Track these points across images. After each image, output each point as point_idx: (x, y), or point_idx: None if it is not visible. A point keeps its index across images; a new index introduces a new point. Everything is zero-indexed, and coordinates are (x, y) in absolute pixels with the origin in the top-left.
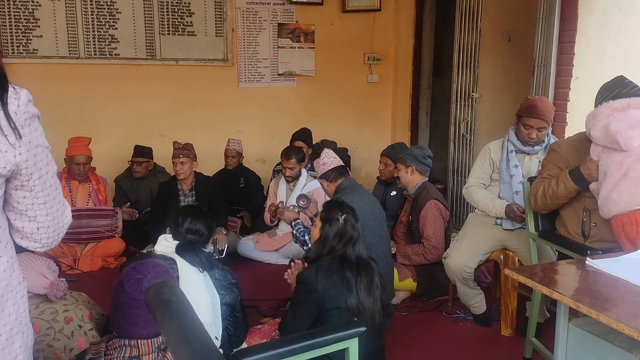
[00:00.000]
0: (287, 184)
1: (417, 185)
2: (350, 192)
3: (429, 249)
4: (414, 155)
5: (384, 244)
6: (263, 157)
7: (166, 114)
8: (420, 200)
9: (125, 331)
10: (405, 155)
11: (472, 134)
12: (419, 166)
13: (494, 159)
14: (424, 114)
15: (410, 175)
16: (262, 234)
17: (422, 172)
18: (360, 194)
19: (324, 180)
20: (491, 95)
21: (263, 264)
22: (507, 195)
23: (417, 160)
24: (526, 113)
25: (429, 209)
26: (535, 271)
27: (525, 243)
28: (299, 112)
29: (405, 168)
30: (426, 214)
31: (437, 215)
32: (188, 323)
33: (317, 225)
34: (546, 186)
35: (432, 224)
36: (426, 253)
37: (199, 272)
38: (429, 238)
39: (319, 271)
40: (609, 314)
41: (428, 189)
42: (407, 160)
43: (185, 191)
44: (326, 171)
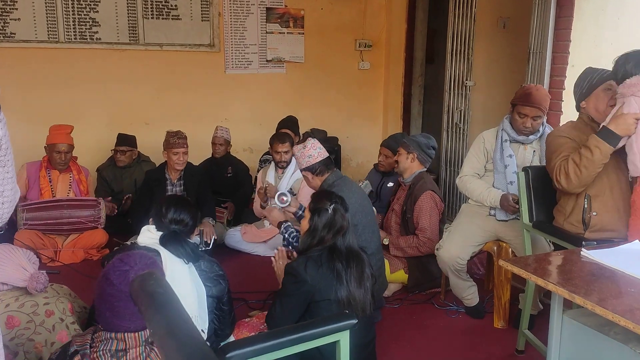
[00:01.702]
0: (275, 171)
1: (414, 174)
2: (339, 189)
3: (424, 241)
4: (419, 142)
5: (376, 239)
6: (251, 147)
7: (150, 102)
8: (416, 190)
9: (111, 324)
10: (410, 141)
11: (466, 123)
12: (420, 155)
13: (488, 149)
14: (417, 102)
15: (410, 162)
16: (250, 225)
17: (423, 161)
18: (350, 189)
19: (308, 173)
20: (485, 84)
21: (251, 256)
22: (501, 185)
23: (421, 148)
24: (521, 101)
25: (425, 199)
26: (529, 262)
27: (519, 234)
28: (287, 99)
29: (406, 154)
30: (422, 204)
31: (433, 207)
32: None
33: (306, 216)
34: (576, 159)
35: (428, 215)
36: (420, 245)
37: (183, 263)
38: (424, 230)
39: (308, 262)
40: (605, 305)
41: (425, 179)
42: (411, 146)
43: (173, 180)
44: (312, 164)
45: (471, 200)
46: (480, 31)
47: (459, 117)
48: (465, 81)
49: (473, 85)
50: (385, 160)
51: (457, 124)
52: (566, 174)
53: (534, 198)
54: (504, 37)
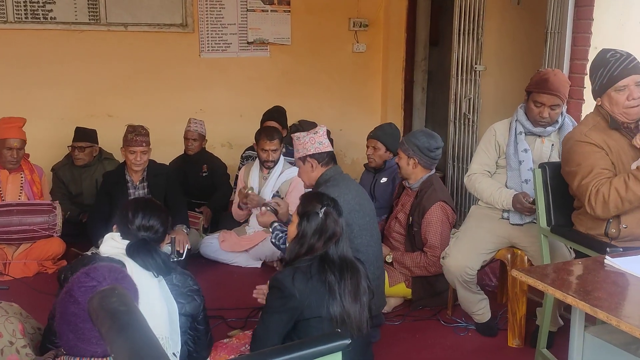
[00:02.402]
0: (260, 171)
1: (421, 179)
2: (335, 183)
3: (433, 260)
4: (419, 146)
5: (375, 244)
6: (230, 141)
7: (113, 90)
8: (425, 200)
9: (75, 348)
10: (409, 142)
11: (475, 113)
12: (422, 159)
13: (500, 142)
14: (419, 89)
15: (412, 168)
16: (229, 232)
17: (427, 165)
18: (347, 186)
19: (314, 161)
20: (497, 68)
21: (230, 267)
22: (515, 184)
23: (421, 152)
24: (537, 88)
25: (434, 212)
26: (546, 272)
27: (535, 240)
28: (272, 87)
29: (407, 158)
30: (431, 218)
31: (444, 221)
32: (140, 337)
33: (294, 221)
34: (621, 191)
35: (439, 231)
36: (430, 265)
37: (153, 277)
38: (433, 248)
39: (296, 274)
40: (631, 320)
41: (435, 185)
42: (410, 149)
43: (135, 183)
44: (322, 151)
45: (481, 201)
46: (492, 8)
47: (467, 106)
48: (475, 65)
49: (483, 70)
50: (375, 153)
51: (465, 114)
52: (604, 202)
53: (552, 198)
54: (519, 15)
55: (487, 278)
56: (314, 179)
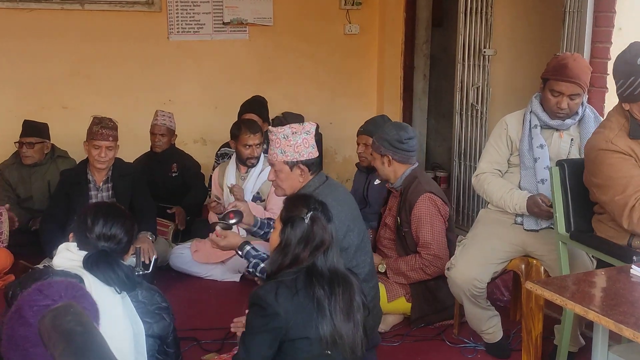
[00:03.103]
0: (237, 170)
1: (402, 176)
2: (323, 197)
3: (429, 259)
4: (388, 140)
5: (369, 262)
6: (204, 137)
7: (68, 79)
8: (410, 194)
9: None
10: (378, 139)
11: (485, 103)
12: (396, 154)
13: (513, 137)
14: (421, 77)
15: (388, 166)
16: (203, 241)
17: (403, 160)
18: (338, 200)
19: (305, 168)
20: (509, 52)
21: (204, 282)
22: (529, 184)
23: (393, 147)
24: (555, 75)
25: (422, 205)
26: (565, 284)
27: (553, 248)
28: (251, 75)
29: (380, 157)
30: (419, 212)
31: (434, 213)
32: None
33: (277, 227)
34: None
35: (429, 225)
36: (426, 266)
37: (115, 293)
38: (427, 245)
39: (279, 289)
40: None
41: (419, 178)
42: (381, 146)
43: (98, 183)
44: (313, 158)
45: (491, 204)
46: None
47: (475, 95)
48: (483, 49)
49: (493, 55)
50: (367, 151)
51: (472, 104)
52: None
53: (571, 200)
54: None
55: (498, 292)
56: (297, 189)
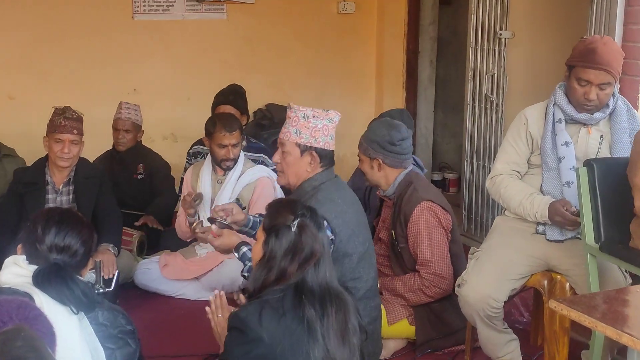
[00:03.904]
0: (213, 173)
1: (395, 182)
2: (329, 196)
3: (430, 279)
4: (378, 142)
5: (373, 278)
6: (174, 132)
7: (17, 64)
8: (405, 204)
9: None
10: (366, 140)
11: (500, 94)
12: (387, 157)
13: (534, 133)
14: (427, 63)
15: (378, 171)
16: (174, 254)
17: (396, 164)
18: (344, 199)
19: (317, 157)
20: (529, 35)
21: (175, 301)
22: (553, 188)
23: (384, 149)
24: (582, 62)
25: (419, 216)
26: (595, 303)
27: (580, 261)
28: (230, 60)
29: (369, 160)
30: (417, 225)
31: (434, 225)
32: None
33: (260, 238)
34: None
35: (428, 239)
36: (426, 287)
37: (71, 313)
38: (426, 263)
39: (264, 310)
40: None
41: (415, 184)
42: (369, 148)
43: (57, 186)
44: (329, 150)
45: (508, 211)
46: None
47: (489, 85)
48: (499, 31)
49: (510, 38)
50: None
51: (487, 95)
52: None
53: (601, 206)
54: None
55: (516, 312)
56: (301, 179)
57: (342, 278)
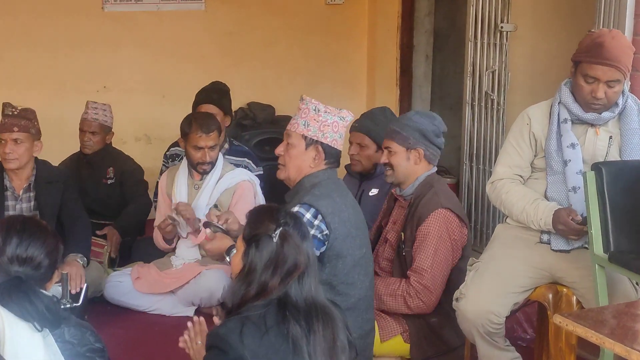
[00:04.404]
0: (189, 177)
1: (417, 181)
2: (326, 193)
3: (417, 289)
4: (422, 130)
5: (368, 287)
6: (147, 134)
7: None
8: (422, 207)
9: None
10: (407, 128)
11: (502, 92)
12: (429, 149)
13: (538, 134)
14: (422, 58)
15: (414, 163)
16: (148, 266)
17: (432, 159)
18: (342, 197)
19: (322, 154)
20: (532, 28)
21: (149, 317)
22: (558, 193)
23: (426, 138)
24: (589, 57)
25: (433, 222)
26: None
27: (588, 272)
28: (209, 56)
29: (405, 151)
30: (427, 230)
31: (443, 236)
32: None
33: (239, 249)
34: None
35: (433, 248)
36: (410, 296)
37: (34, 330)
38: (420, 270)
39: (245, 327)
40: None
41: (436, 187)
42: (411, 137)
43: (17, 192)
44: (336, 149)
45: (510, 219)
46: None
47: (490, 82)
48: (501, 24)
49: (513, 31)
50: (361, 153)
51: (487, 93)
52: None
53: (610, 213)
54: None
55: (519, 328)
56: (303, 174)
57: (334, 279)
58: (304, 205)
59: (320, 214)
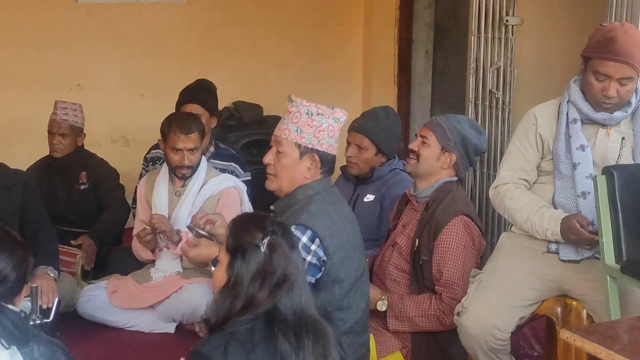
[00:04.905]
0: (170, 184)
1: (437, 183)
2: (324, 210)
3: (451, 305)
4: (466, 139)
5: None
6: (125, 135)
7: None
8: (440, 212)
9: None
10: (453, 130)
11: (507, 90)
12: (463, 160)
13: (545, 135)
14: (422, 53)
15: (441, 167)
16: (124, 278)
17: (461, 171)
18: (340, 214)
19: (318, 162)
20: (539, 22)
21: (126, 334)
22: (566, 199)
23: (466, 149)
24: (600, 53)
25: (454, 230)
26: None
27: (599, 284)
28: (191, 51)
29: (439, 150)
30: (449, 240)
31: (468, 244)
32: None
33: (222, 261)
34: None
35: (461, 259)
36: (445, 314)
37: (2, 348)
38: (451, 285)
39: (230, 344)
40: None
41: (455, 193)
42: (452, 140)
43: None
44: (332, 155)
45: (515, 226)
46: None
47: (494, 79)
48: (506, 17)
49: (519, 25)
50: (359, 155)
51: (491, 91)
52: None
53: (623, 220)
54: None
55: (526, 344)
56: (296, 184)
57: (329, 306)
58: (299, 227)
59: (317, 237)
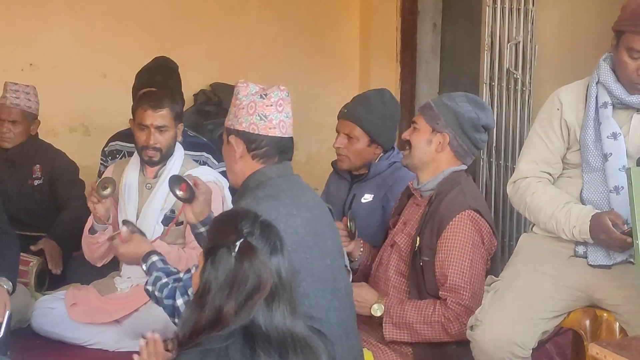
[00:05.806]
0: (141, 174)
1: (440, 175)
2: (272, 193)
3: (458, 312)
4: (458, 114)
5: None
6: (85, 123)
7: None
8: (445, 206)
9: None
10: (442, 106)
11: (528, 69)
12: (459, 139)
13: (571, 122)
14: (429, 27)
15: (435, 150)
16: (86, 289)
17: (462, 153)
18: (293, 198)
19: (242, 145)
20: None
21: (88, 353)
22: (596, 194)
23: (460, 126)
24: (634, 26)
25: (460, 226)
26: None
27: (633, 293)
28: (161, 24)
29: (429, 132)
30: (454, 237)
31: (477, 243)
32: None
33: (200, 263)
34: None
35: (468, 259)
36: (451, 321)
37: None
38: (457, 289)
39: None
40: None
41: (463, 186)
42: (441, 117)
43: None
44: (260, 135)
45: (537, 226)
46: None
47: (512, 57)
48: None
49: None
50: (349, 147)
51: (509, 70)
52: None
53: None
54: None
55: None
56: (240, 175)
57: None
58: None
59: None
